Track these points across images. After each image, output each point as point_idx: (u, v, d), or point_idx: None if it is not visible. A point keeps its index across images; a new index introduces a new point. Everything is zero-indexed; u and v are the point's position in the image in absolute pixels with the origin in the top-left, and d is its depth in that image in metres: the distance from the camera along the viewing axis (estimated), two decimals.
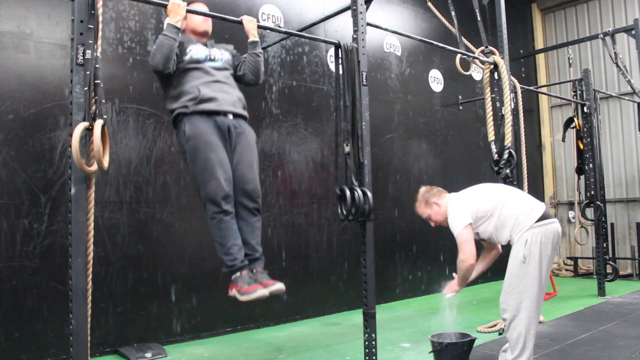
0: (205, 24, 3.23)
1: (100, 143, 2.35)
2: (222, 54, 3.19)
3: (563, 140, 7.37)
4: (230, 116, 3.02)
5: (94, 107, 2.41)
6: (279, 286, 2.89)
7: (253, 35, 3.26)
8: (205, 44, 3.17)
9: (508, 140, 4.59)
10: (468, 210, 3.03)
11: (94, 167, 2.39)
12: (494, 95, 4.76)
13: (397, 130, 6.25)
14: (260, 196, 3.09)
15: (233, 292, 2.87)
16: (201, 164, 2.84)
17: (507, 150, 4.55)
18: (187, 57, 3.01)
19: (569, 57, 7.54)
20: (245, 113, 3.13)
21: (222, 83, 3.05)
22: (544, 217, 3.01)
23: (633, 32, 6.54)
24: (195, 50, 3.07)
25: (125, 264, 4.06)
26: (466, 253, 2.99)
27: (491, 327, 4.47)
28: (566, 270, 8.08)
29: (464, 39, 4.86)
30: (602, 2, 8.15)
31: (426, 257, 6.42)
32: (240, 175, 2.97)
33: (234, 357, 3.90)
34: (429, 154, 6.62)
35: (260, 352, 4.02)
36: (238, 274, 2.86)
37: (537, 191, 8.30)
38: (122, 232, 4.07)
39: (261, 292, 2.80)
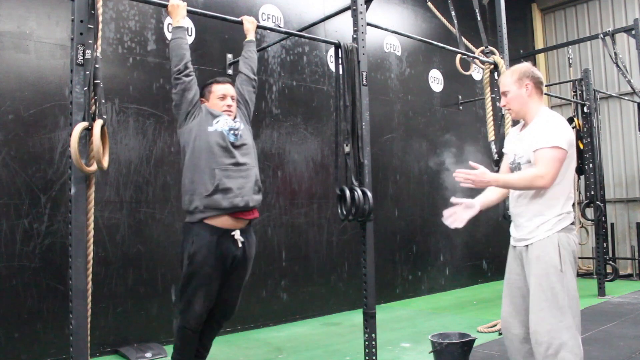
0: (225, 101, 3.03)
1: (100, 143, 2.35)
2: (241, 127, 3.00)
3: None
4: (238, 235, 2.87)
5: (93, 107, 2.41)
6: None
7: (251, 35, 3.27)
8: (229, 116, 2.99)
9: None
10: (570, 138, 2.38)
11: (94, 167, 2.39)
12: (494, 95, 4.76)
13: (397, 130, 6.25)
14: (234, 314, 3.12)
15: None
16: (192, 290, 2.82)
17: None
18: (210, 128, 2.87)
19: (569, 57, 7.55)
20: (258, 199, 2.98)
21: (240, 165, 2.89)
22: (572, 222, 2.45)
23: (633, 32, 6.53)
24: (219, 123, 2.90)
25: (125, 264, 4.06)
26: (550, 172, 2.27)
27: (491, 327, 4.47)
28: None
29: (464, 39, 4.86)
30: (602, 2, 8.14)
31: (426, 257, 6.42)
32: (225, 299, 2.97)
33: (234, 357, 3.90)
34: (429, 154, 6.62)
35: (260, 352, 4.02)
36: None
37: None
38: (122, 232, 4.07)
39: None
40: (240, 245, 2.88)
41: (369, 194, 3.25)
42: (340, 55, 3.40)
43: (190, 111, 2.89)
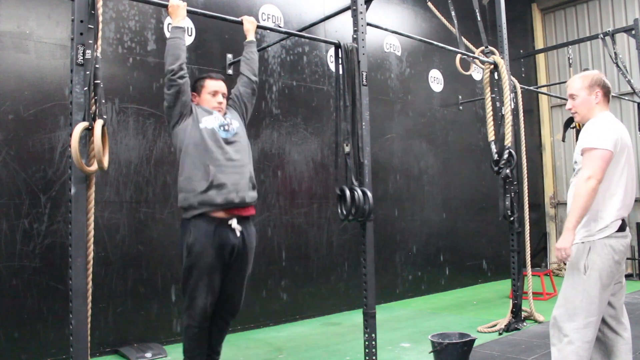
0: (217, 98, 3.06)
1: (101, 143, 2.35)
2: (233, 123, 3.03)
3: (563, 140, 7.34)
4: (237, 229, 2.87)
5: (94, 107, 2.41)
6: None
7: (252, 36, 3.27)
8: (219, 113, 3.02)
9: (508, 140, 4.59)
10: (615, 140, 2.39)
11: (94, 167, 2.39)
12: (494, 95, 4.77)
13: (397, 130, 6.25)
14: (239, 310, 3.10)
15: None
16: (193, 283, 2.82)
17: (507, 150, 4.56)
18: (201, 125, 2.89)
19: (569, 57, 7.53)
20: (254, 195, 2.99)
21: (234, 161, 2.90)
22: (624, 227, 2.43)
23: (633, 32, 6.54)
24: (210, 120, 2.93)
25: (125, 264, 4.06)
26: (595, 169, 2.31)
27: (491, 327, 4.47)
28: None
29: (464, 39, 4.86)
30: (602, 2, 8.15)
31: (426, 257, 6.42)
32: (229, 293, 2.97)
33: (234, 357, 3.90)
34: (429, 154, 6.62)
35: (260, 352, 4.02)
36: None
37: (537, 191, 8.31)
38: (122, 232, 4.07)
39: None
40: (238, 234, 2.89)
41: (369, 194, 3.26)
42: (340, 55, 3.40)
43: (183, 112, 2.91)
